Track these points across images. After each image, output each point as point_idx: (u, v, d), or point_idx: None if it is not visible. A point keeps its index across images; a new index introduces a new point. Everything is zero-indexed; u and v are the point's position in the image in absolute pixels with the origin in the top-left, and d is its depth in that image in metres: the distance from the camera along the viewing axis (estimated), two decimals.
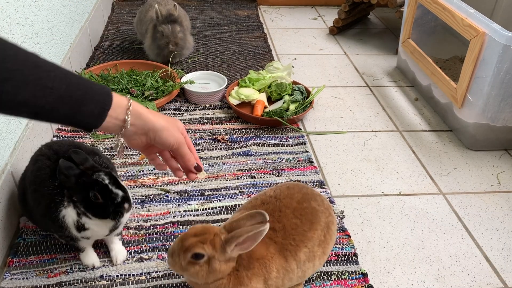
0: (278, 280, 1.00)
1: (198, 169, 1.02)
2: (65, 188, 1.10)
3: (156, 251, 1.30)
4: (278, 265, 0.99)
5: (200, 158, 1.68)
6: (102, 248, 1.29)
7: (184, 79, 2.08)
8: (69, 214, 1.10)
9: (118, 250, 1.26)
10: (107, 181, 1.08)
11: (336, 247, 1.34)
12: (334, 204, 1.51)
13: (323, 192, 1.55)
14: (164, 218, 1.41)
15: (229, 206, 1.47)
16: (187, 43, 2.29)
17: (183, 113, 1.94)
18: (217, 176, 1.60)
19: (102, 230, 1.13)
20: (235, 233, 0.89)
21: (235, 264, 0.95)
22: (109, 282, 1.20)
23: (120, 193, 1.09)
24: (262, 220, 0.90)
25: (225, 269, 0.93)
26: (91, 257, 1.24)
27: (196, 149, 1.72)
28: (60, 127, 1.78)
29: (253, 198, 1.12)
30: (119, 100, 0.82)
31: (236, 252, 0.92)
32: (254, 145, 1.76)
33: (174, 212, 1.43)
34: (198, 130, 1.84)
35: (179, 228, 1.38)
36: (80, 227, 1.11)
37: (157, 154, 1.03)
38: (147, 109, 0.90)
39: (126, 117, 0.83)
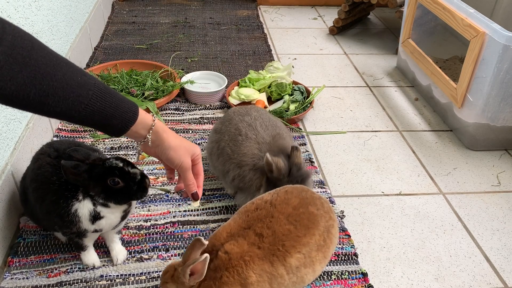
0: (263, 284, 0.99)
1: (194, 197, 1.07)
2: (79, 186, 1.09)
3: (156, 251, 1.30)
4: (259, 270, 0.99)
5: None
6: (102, 248, 1.29)
7: (184, 79, 2.08)
8: (85, 206, 1.10)
9: (119, 249, 1.26)
10: (121, 165, 1.08)
11: (336, 247, 1.34)
12: (334, 204, 1.51)
13: (323, 192, 1.55)
14: (164, 218, 1.41)
15: (229, 206, 1.47)
16: None
17: (183, 113, 1.94)
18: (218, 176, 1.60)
19: (116, 217, 1.14)
20: (183, 268, 0.94)
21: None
22: (109, 282, 1.20)
23: (137, 171, 1.10)
24: (202, 246, 0.95)
25: None
26: (91, 256, 1.24)
27: None
28: (60, 127, 1.78)
29: (249, 202, 1.11)
30: (143, 118, 0.93)
31: (193, 281, 0.96)
32: None
33: (174, 212, 1.43)
34: (198, 130, 1.84)
35: (179, 228, 1.38)
36: (96, 217, 1.11)
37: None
38: (167, 128, 0.99)
39: (148, 135, 0.95)
